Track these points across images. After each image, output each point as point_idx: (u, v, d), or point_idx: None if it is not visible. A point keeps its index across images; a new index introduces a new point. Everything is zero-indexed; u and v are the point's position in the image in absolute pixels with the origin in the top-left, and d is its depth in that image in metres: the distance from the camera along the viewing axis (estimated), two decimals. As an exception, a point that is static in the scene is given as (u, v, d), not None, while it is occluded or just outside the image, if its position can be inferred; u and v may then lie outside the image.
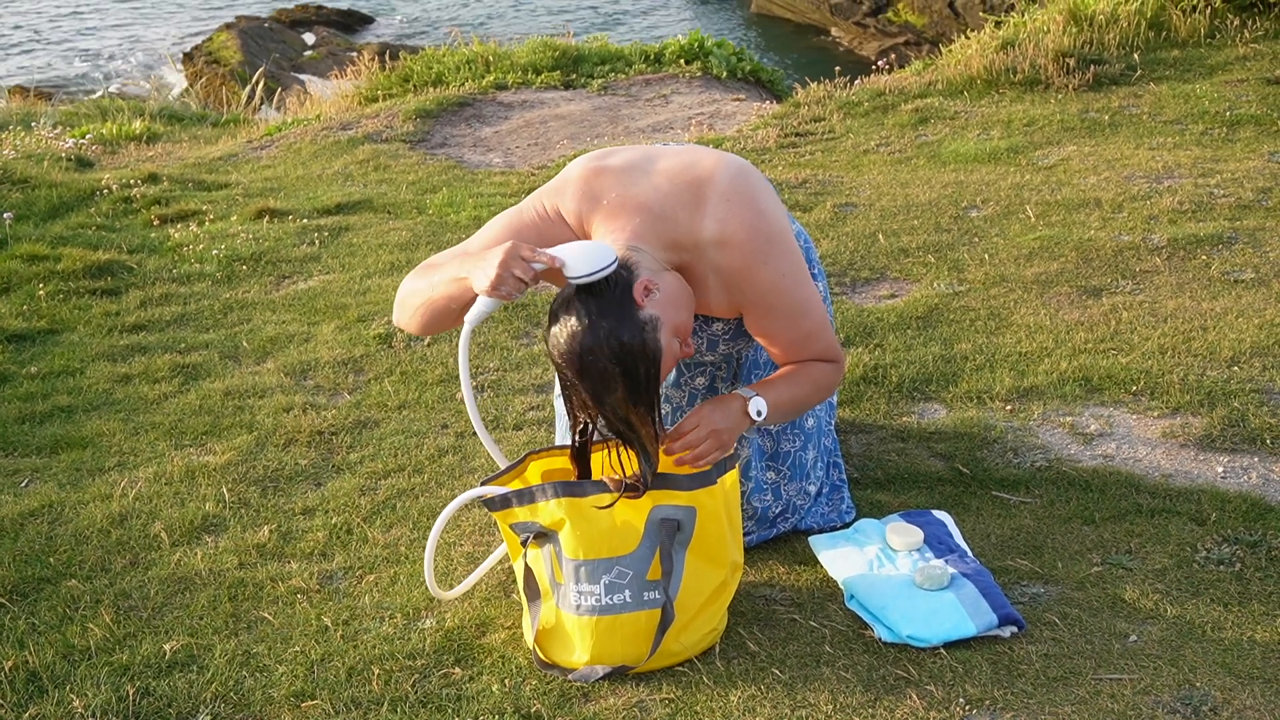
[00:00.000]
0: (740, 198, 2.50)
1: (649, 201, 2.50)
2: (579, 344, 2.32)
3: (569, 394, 2.41)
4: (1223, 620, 2.53)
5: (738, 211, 2.49)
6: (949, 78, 7.30)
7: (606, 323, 2.32)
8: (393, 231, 5.56)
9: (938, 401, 3.57)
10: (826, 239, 4.90)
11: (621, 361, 2.32)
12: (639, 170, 2.55)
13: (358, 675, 2.50)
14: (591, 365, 2.32)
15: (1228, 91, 6.59)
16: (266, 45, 21.19)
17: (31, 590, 2.89)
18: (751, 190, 2.53)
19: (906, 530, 2.77)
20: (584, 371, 2.33)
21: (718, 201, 2.49)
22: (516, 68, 9.16)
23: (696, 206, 2.49)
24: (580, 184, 2.56)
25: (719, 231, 2.48)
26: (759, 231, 2.50)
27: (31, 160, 7.09)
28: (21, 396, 4.03)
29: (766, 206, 2.53)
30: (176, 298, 4.91)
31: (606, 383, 2.33)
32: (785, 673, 2.43)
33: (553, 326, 2.38)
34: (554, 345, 2.37)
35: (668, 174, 2.54)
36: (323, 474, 3.41)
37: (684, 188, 2.51)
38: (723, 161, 2.56)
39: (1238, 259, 4.34)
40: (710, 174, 2.52)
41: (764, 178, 2.65)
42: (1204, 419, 3.33)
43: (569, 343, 2.33)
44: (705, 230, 2.48)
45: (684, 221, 2.49)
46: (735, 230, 2.48)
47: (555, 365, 2.39)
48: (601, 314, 2.32)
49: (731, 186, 2.51)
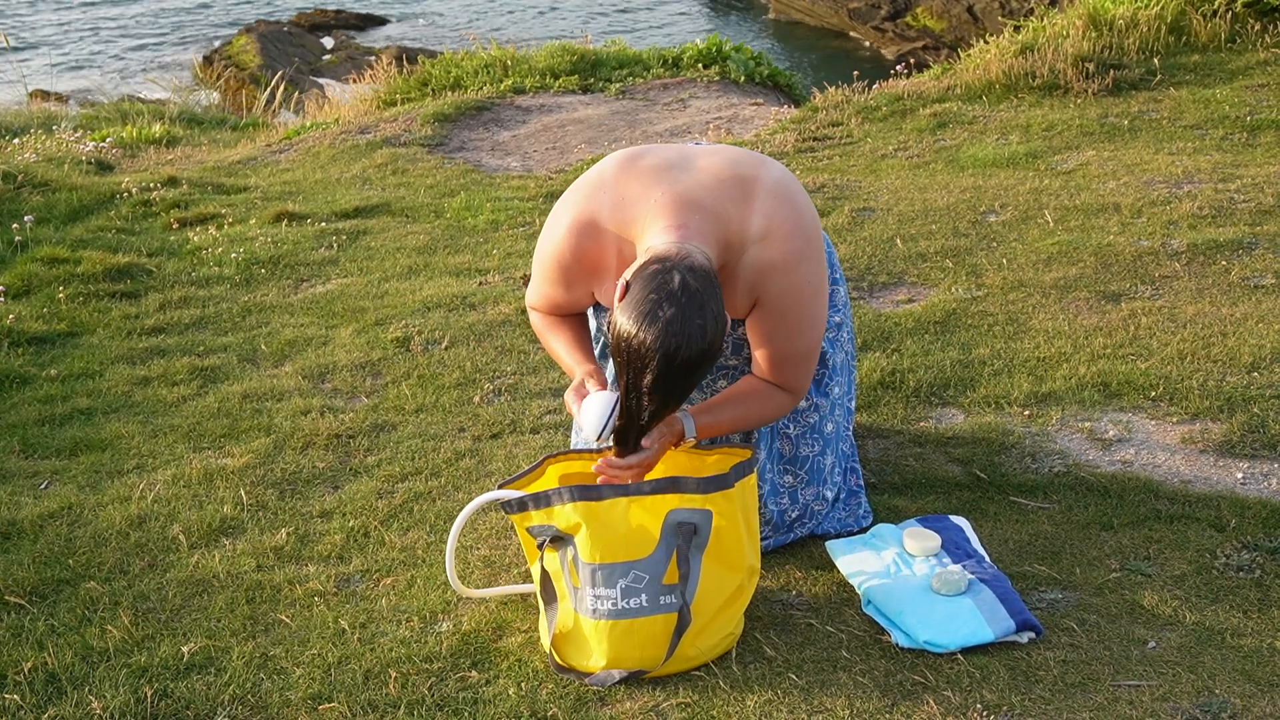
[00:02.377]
0: (787, 196, 2.52)
1: (701, 198, 2.49)
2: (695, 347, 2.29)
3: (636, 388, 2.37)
4: (1242, 627, 2.52)
5: (783, 209, 2.50)
6: (967, 82, 7.28)
7: (709, 324, 2.31)
8: (410, 235, 5.57)
9: (955, 407, 3.56)
10: (844, 243, 4.89)
11: (709, 361, 2.33)
12: (680, 168, 2.55)
13: (375, 678, 2.50)
14: (697, 370, 2.33)
15: (1248, 96, 6.56)
16: (286, 49, 21.26)
17: (50, 592, 2.90)
18: (796, 191, 2.56)
19: (924, 535, 2.76)
20: (689, 369, 2.31)
21: (765, 198, 2.50)
22: (534, 72, 9.17)
23: (745, 202, 2.50)
24: (618, 186, 2.55)
25: (765, 227, 2.49)
26: (801, 231, 2.51)
27: (52, 163, 7.13)
28: (41, 399, 4.06)
29: (806, 210, 2.56)
30: (195, 301, 4.93)
31: (686, 377, 2.33)
32: (802, 678, 2.42)
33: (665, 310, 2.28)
34: (662, 339, 2.28)
35: (712, 171, 2.54)
36: (340, 477, 3.42)
37: (731, 183, 2.51)
38: (765, 161, 2.59)
39: (1258, 264, 4.32)
40: (756, 172, 2.53)
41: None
42: (1223, 425, 3.32)
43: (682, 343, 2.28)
44: (753, 226, 2.49)
45: (735, 218, 2.49)
46: (780, 225, 2.49)
47: (639, 358, 2.32)
48: (711, 314, 2.31)
49: (778, 185, 2.52)
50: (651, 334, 2.28)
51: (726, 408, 2.61)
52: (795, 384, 2.63)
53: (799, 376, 2.63)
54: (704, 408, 2.60)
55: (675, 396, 2.37)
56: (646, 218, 2.50)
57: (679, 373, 2.31)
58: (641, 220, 2.51)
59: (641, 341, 2.29)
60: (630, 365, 2.33)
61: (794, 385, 2.63)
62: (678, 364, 2.30)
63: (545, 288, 2.70)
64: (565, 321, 2.76)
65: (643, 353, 2.30)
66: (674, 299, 2.28)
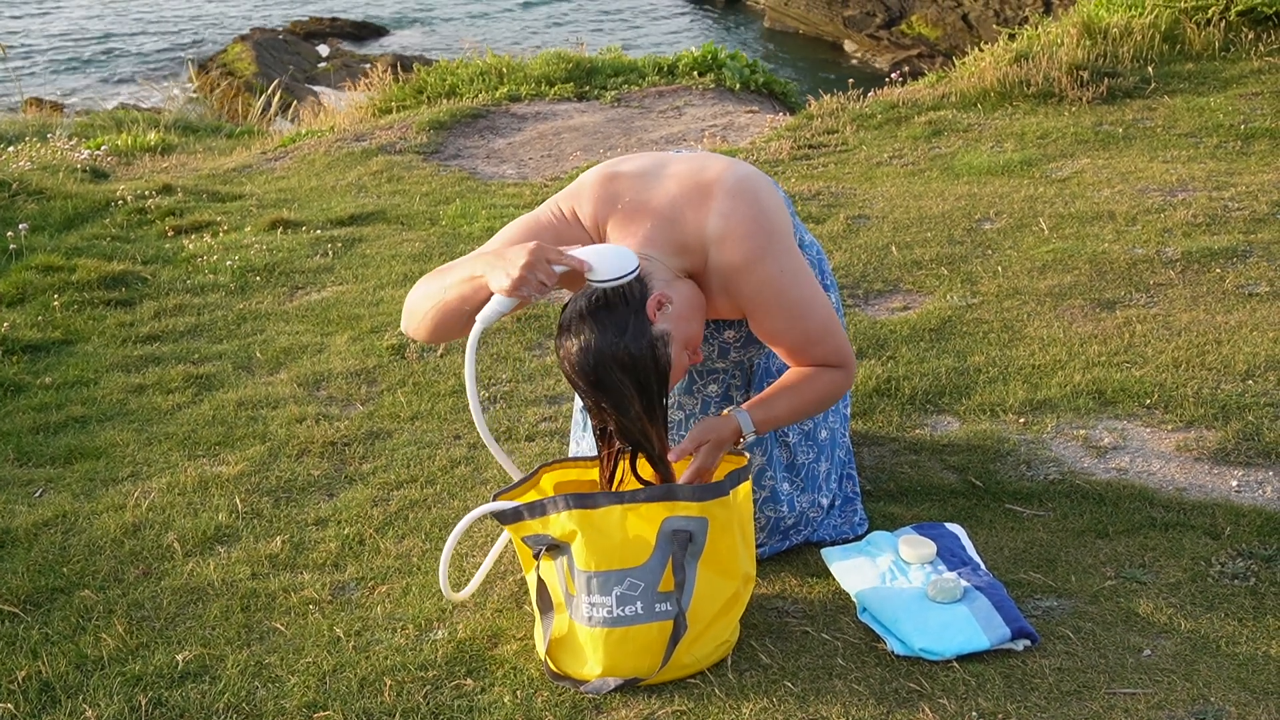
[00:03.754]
0: (744, 195, 2.51)
1: (660, 206, 2.52)
2: (591, 357, 2.35)
3: (586, 403, 2.44)
4: (1237, 635, 2.52)
5: (739, 208, 2.49)
6: (962, 90, 7.29)
7: (619, 338, 2.34)
8: (406, 243, 5.57)
9: (950, 414, 3.57)
10: (839, 251, 4.90)
11: (634, 375, 2.34)
12: (651, 175, 2.57)
13: (370, 686, 2.50)
14: (604, 378, 2.35)
15: (1242, 105, 6.58)
16: (281, 57, 21.28)
17: (45, 600, 2.90)
18: (755, 189, 2.54)
19: (919, 543, 2.76)
20: (597, 384, 2.37)
21: (722, 198, 2.50)
22: (530, 79, 9.18)
23: (702, 204, 2.51)
24: (596, 189, 2.58)
25: (721, 228, 2.49)
26: (759, 226, 2.49)
27: (47, 171, 7.13)
28: (36, 407, 4.05)
29: (769, 205, 2.54)
30: (190, 308, 4.92)
31: (619, 395, 2.36)
32: (797, 685, 2.42)
33: (565, 339, 2.39)
34: (566, 358, 2.39)
35: (678, 177, 2.55)
36: (335, 485, 3.41)
37: (692, 189, 2.53)
38: (731, 164, 2.58)
39: (1252, 272, 4.33)
40: (718, 175, 2.54)
41: (773, 183, 2.66)
42: (1218, 433, 3.32)
43: (580, 356, 2.36)
44: (709, 227, 2.49)
45: (691, 221, 2.50)
46: (736, 225, 2.48)
47: (568, 377, 2.41)
48: (616, 329, 2.34)
49: (737, 185, 2.52)
50: (569, 350, 2.39)
51: (780, 398, 2.60)
52: (833, 359, 2.61)
53: (832, 351, 2.60)
54: (757, 402, 2.60)
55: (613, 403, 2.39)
56: (611, 223, 2.55)
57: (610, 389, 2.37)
58: (608, 226, 2.56)
59: (564, 359, 2.40)
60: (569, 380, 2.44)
61: (834, 360, 2.61)
62: (607, 382, 2.36)
63: (497, 243, 2.62)
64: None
65: (567, 371, 2.41)
66: (592, 318, 2.37)
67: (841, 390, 2.65)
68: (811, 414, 2.66)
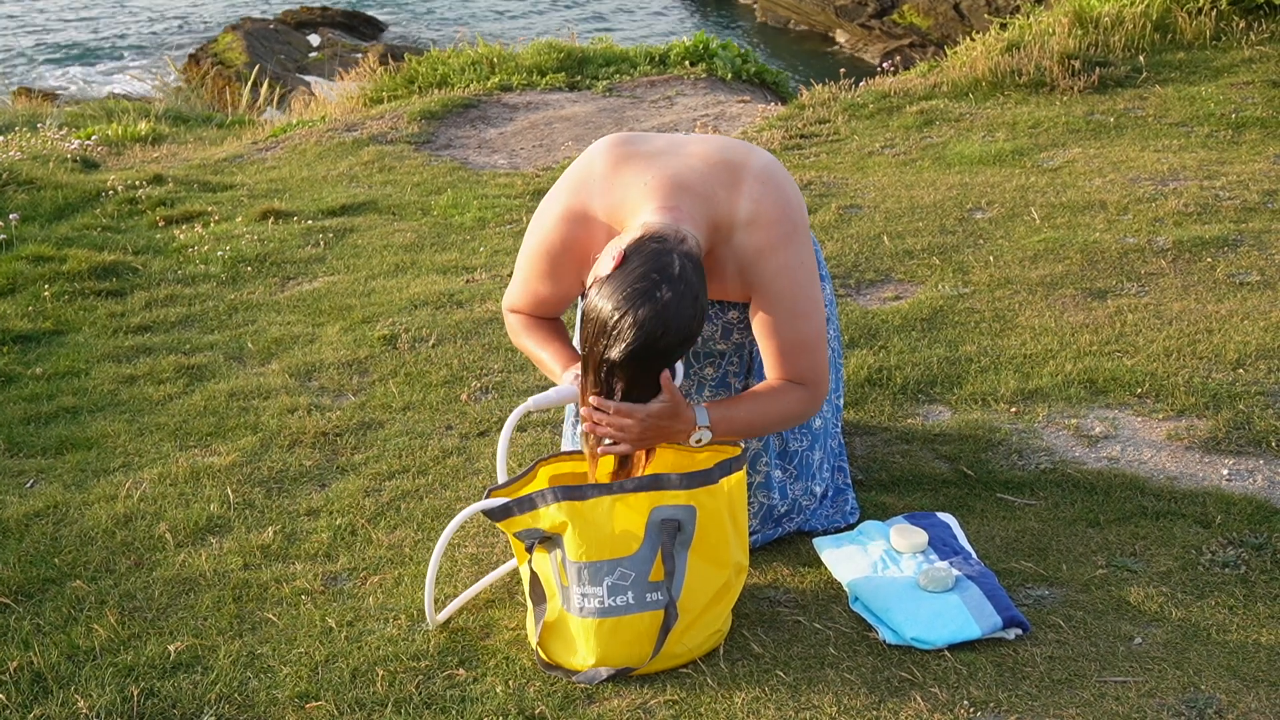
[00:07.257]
0: (774, 182, 2.54)
1: (692, 181, 2.51)
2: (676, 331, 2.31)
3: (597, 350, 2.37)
4: (1228, 623, 2.53)
5: (771, 194, 2.52)
6: (954, 80, 7.30)
7: (697, 314, 2.35)
8: (397, 233, 5.56)
9: (942, 404, 3.57)
10: (831, 241, 4.90)
11: (682, 345, 2.35)
12: (669, 153, 2.57)
13: (362, 676, 2.50)
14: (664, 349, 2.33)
15: (1233, 94, 6.58)
16: (272, 46, 21.21)
17: (36, 591, 2.89)
18: (783, 177, 2.58)
19: (911, 532, 2.77)
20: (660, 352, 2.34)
21: (752, 182, 2.52)
22: (521, 69, 9.17)
23: (734, 186, 2.51)
24: (608, 174, 2.55)
25: (752, 211, 2.50)
26: (787, 217, 2.52)
27: (37, 161, 7.10)
28: (27, 397, 4.04)
29: (793, 197, 2.57)
30: (181, 299, 4.91)
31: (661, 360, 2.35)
32: (789, 675, 2.43)
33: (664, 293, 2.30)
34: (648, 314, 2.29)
35: (702, 156, 2.55)
36: (327, 475, 3.41)
37: (721, 168, 2.53)
38: (753, 148, 2.62)
39: (1243, 261, 4.33)
40: (745, 158, 2.56)
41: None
42: (1209, 421, 3.33)
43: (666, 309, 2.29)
44: (740, 210, 2.50)
45: (723, 201, 2.51)
46: (767, 210, 2.50)
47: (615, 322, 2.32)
48: (702, 307, 2.37)
49: (766, 171, 2.54)
50: (644, 312, 2.29)
51: (742, 404, 2.59)
52: (810, 375, 2.59)
53: (812, 367, 2.59)
54: (719, 403, 2.59)
55: (641, 378, 2.38)
56: (637, 201, 2.50)
57: (656, 355, 2.34)
58: (631, 203, 2.51)
59: (631, 316, 2.29)
60: (606, 334, 2.33)
61: (810, 377, 2.59)
62: (660, 347, 2.32)
63: (532, 282, 2.69)
64: (543, 323, 2.76)
65: (623, 328, 2.30)
66: (673, 283, 2.31)
67: (806, 414, 2.63)
68: (770, 429, 2.64)
